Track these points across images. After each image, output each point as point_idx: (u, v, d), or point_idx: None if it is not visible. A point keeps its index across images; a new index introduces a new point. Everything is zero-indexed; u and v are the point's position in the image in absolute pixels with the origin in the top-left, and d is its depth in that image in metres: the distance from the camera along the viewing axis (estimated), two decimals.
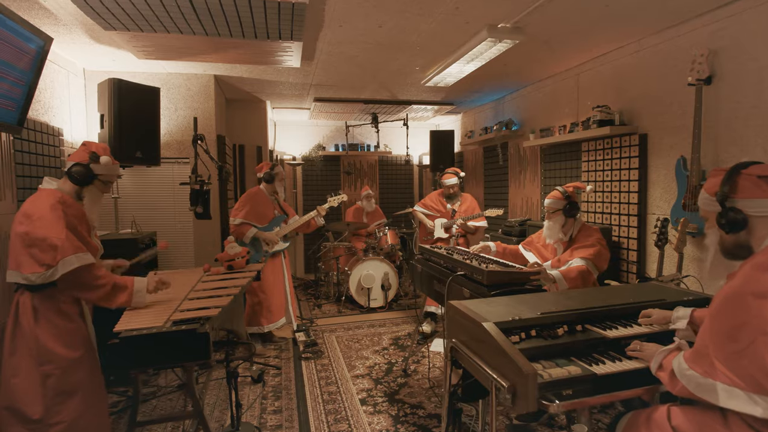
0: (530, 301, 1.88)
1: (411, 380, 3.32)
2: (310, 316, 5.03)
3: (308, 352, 3.92)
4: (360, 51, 3.53)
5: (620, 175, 3.62)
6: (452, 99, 5.55)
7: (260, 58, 3.52)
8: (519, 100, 5.14)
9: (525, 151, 5.03)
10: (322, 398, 3.07)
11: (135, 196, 4.13)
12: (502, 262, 2.55)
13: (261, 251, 3.99)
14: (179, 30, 2.86)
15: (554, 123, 4.42)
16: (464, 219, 4.33)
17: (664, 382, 1.36)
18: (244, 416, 2.85)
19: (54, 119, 3.40)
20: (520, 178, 5.15)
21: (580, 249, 2.60)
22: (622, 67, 3.59)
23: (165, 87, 4.13)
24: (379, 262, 5.18)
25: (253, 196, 4.02)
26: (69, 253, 1.87)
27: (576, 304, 1.82)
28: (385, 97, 5.36)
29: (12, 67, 2.47)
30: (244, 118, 5.48)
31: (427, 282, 3.05)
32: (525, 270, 2.34)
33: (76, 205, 2.08)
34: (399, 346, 4.04)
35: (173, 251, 4.25)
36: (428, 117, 6.71)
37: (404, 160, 6.41)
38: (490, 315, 1.66)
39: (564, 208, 2.67)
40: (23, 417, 1.94)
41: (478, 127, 6.05)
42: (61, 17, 2.76)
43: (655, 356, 1.42)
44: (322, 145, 7.10)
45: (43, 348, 1.98)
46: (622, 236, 3.61)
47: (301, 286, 6.46)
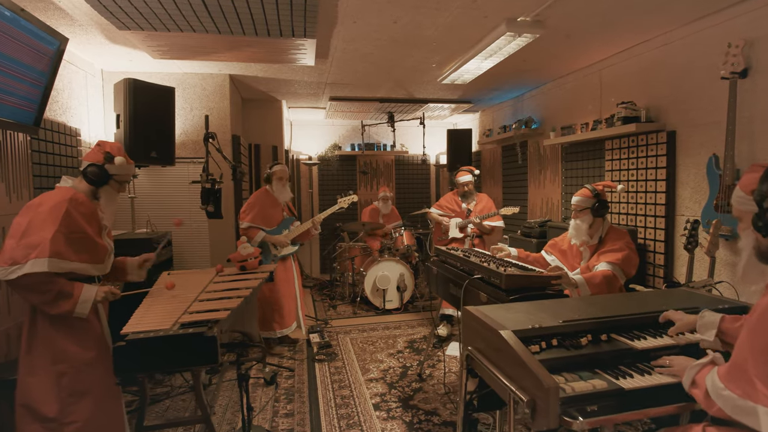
0: (551, 308, 1.78)
1: (426, 385, 3.23)
2: (325, 317, 4.99)
3: (322, 354, 3.87)
4: (375, 48, 3.46)
5: (646, 175, 3.46)
6: (470, 97, 5.43)
7: (274, 56, 3.49)
8: (539, 98, 4.99)
9: (545, 150, 4.89)
10: (335, 402, 3.01)
11: (151, 196, 4.15)
12: (521, 265, 2.44)
13: (270, 255, 3.86)
14: (192, 28, 2.84)
15: (576, 121, 4.27)
16: (480, 218, 4.22)
17: (698, 400, 1.25)
18: (256, 419, 2.81)
19: (72, 119, 3.43)
20: (540, 178, 5.01)
21: (607, 253, 2.47)
22: (649, 62, 3.43)
23: (181, 87, 4.14)
24: (395, 263, 5.11)
25: (260, 198, 3.91)
26: (45, 254, 1.80)
27: (601, 312, 1.71)
28: (402, 95, 5.27)
29: (28, 67, 2.49)
30: (259, 117, 5.47)
31: (442, 285, 2.96)
32: (546, 274, 2.24)
33: (89, 204, 2.06)
34: (414, 349, 3.96)
35: (189, 251, 4.25)
36: (445, 116, 6.60)
37: (421, 159, 6.32)
38: (508, 322, 1.57)
39: (592, 207, 2.54)
40: (39, 415, 1.94)
41: (497, 125, 5.92)
42: (76, 17, 2.77)
43: (686, 372, 1.30)
44: (338, 144, 7.06)
45: (58, 347, 1.97)
46: (648, 238, 3.45)
47: (317, 287, 6.43)
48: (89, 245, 2.03)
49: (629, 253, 2.43)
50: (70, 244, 1.93)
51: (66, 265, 1.90)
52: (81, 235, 1.99)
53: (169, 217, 4.16)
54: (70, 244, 1.92)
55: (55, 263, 1.84)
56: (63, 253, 1.88)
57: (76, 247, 1.96)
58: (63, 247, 1.89)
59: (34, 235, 1.83)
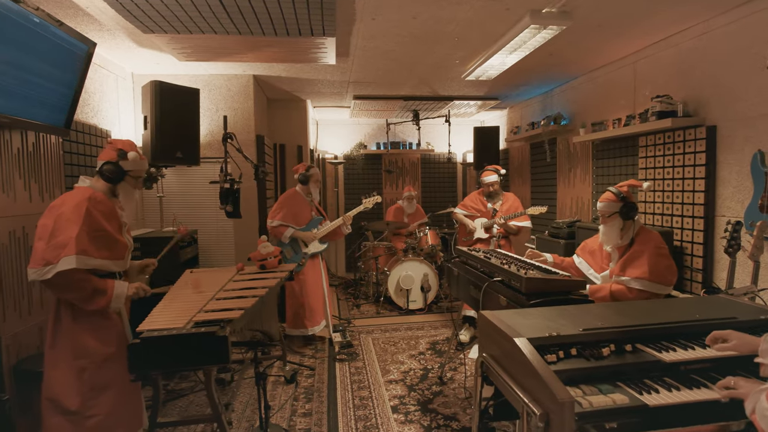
0: (573, 314, 1.68)
1: (446, 389, 3.16)
2: (348, 316, 4.98)
3: (343, 354, 3.86)
4: (395, 45, 3.40)
5: (683, 173, 3.25)
6: (496, 93, 5.29)
7: (295, 55, 3.49)
8: (569, 93, 4.80)
9: (575, 147, 4.70)
10: (353, 403, 2.99)
11: (178, 195, 4.25)
12: (544, 268, 2.34)
13: (300, 252, 3.95)
14: (213, 30, 2.87)
15: (608, 116, 4.07)
16: (505, 218, 4.09)
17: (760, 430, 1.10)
18: (275, 417, 2.82)
19: (103, 121, 3.55)
20: (570, 177, 4.82)
21: (634, 261, 2.31)
22: (687, 52, 3.22)
23: (207, 88, 4.22)
24: (419, 263, 5.04)
25: (290, 198, 3.99)
26: (72, 252, 1.86)
27: (627, 320, 1.60)
28: (426, 93, 5.20)
29: (58, 72, 2.57)
30: (284, 117, 5.52)
31: (463, 287, 2.88)
32: (571, 278, 2.13)
33: (107, 202, 2.11)
34: (436, 351, 3.89)
35: (214, 249, 4.34)
36: (472, 113, 6.46)
37: (446, 157, 6.22)
38: (524, 329, 1.49)
39: (620, 211, 2.39)
40: (62, 408, 1.99)
41: (525, 122, 5.75)
42: (104, 23, 2.85)
43: (751, 395, 1.13)
44: (364, 143, 7.04)
45: (79, 342, 2.03)
46: (685, 241, 3.25)
47: (341, 286, 6.44)
48: (110, 242, 2.08)
49: (659, 260, 2.27)
50: (92, 241, 1.98)
51: (91, 261, 1.96)
52: (102, 232, 2.03)
53: (195, 216, 4.25)
54: (92, 242, 1.98)
55: (82, 260, 1.90)
56: (88, 250, 1.94)
57: (98, 244, 2.01)
58: (87, 244, 1.94)
59: (61, 235, 1.89)
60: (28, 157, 2.62)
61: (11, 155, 2.48)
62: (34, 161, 2.68)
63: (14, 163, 2.50)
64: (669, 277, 2.27)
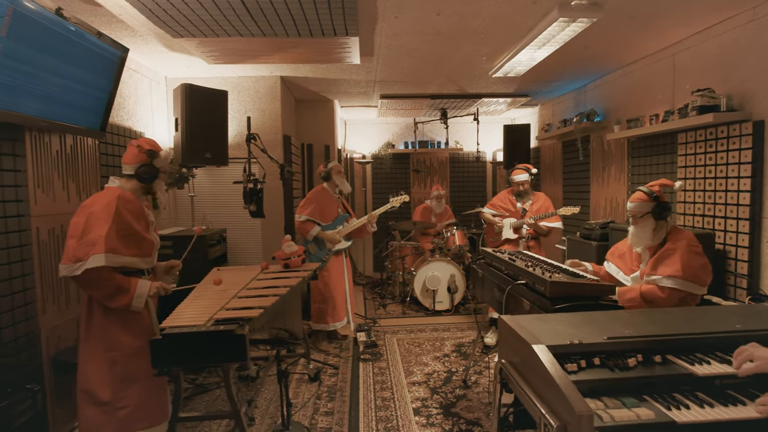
0: (599, 321, 1.60)
1: (470, 393, 3.10)
2: (374, 315, 4.98)
3: (367, 354, 3.86)
4: (420, 43, 3.36)
5: (727, 171, 3.05)
6: (526, 90, 5.14)
7: (320, 56, 3.51)
8: (603, 88, 4.61)
9: (609, 145, 4.50)
10: (375, 404, 2.97)
11: (209, 195, 4.37)
12: (571, 271, 2.24)
13: (324, 249, 4.03)
14: (239, 33, 2.92)
15: (644, 112, 3.88)
16: (535, 218, 3.97)
17: None
18: (297, 415, 2.85)
19: (137, 124, 3.69)
20: (604, 176, 4.62)
21: (665, 260, 2.19)
22: (731, 42, 3.02)
23: (235, 90, 4.31)
24: (446, 263, 4.98)
25: (318, 194, 4.08)
26: (102, 250, 1.93)
27: (658, 329, 1.50)
28: (453, 91, 5.12)
29: (93, 77, 2.69)
30: (312, 117, 5.57)
31: (488, 289, 2.81)
32: (599, 283, 2.03)
33: (136, 201, 2.18)
34: (461, 353, 3.82)
35: (242, 247, 4.43)
36: (502, 111, 6.32)
37: (474, 156, 6.10)
38: (544, 335, 1.43)
39: (653, 211, 2.27)
40: (96, 399, 2.08)
41: (557, 119, 5.56)
42: (136, 29, 2.95)
43: None
44: (392, 143, 7.02)
45: (110, 336, 2.11)
46: (728, 244, 3.04)
47: (368, 285, 6.45)
48: (138, 240, 2.15)
49: (692, 258, 2.13)
50: (121, 239, 2.05)
51: (119, 259, 2.03)
52: (130, 231, 2.11)
53: (225, 215, 4.35)
54: (121, 240, 2.05)
55: (110, 258, 1.98)
56: (117, 248, 2.01)
57: (127, 242, 2.09)
58: (116, 242, 2.02)
59: (91, 233, 1.97)
60: (66, 158, 2.75)
61: (51, 157, 2.61)
62: (72, 162, 2.81)
63: (53, 165, 2.63)
64: (703, 277, 2.13)
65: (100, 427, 2.10)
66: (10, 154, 2.30)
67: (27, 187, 2.41)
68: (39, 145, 2.52)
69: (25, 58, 2.18)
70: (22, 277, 2.35)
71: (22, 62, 2.15)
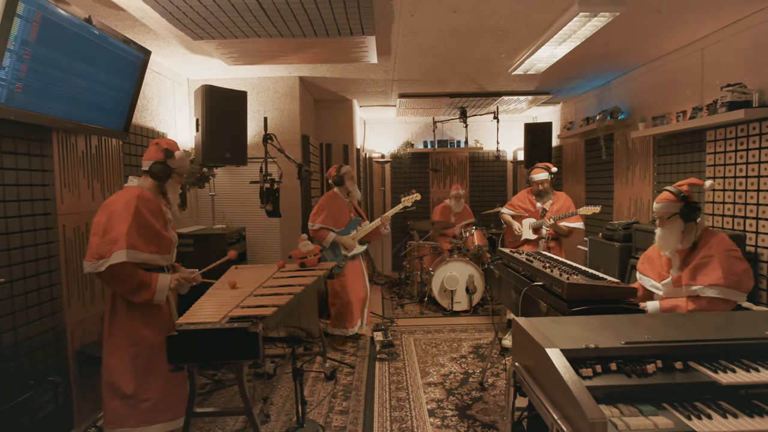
0: (618, 325, 1.55)
1: (487, 395, 3.06)
2: (392, 315, 4.97)
3: (384, 353, 3.85)
4: (437, 41, 3.33)
5: (759, 170, 2.91)
6: (548, 88, 5.04)
7: (337, 56, 3.52)
8: (627, 85, 4.47)
9: (634, 143, 4.37)
10: (390, 404, 2.96)
11: (229, 194, 4.44)
12: (591, 272, 2.18)
13: (340, 255, 4.00)
14: (256, 34, 2.96)
15: (671, 109, 3.74)
16: (555, 218, 3.88)
17: None
18: (312, 413, 2.86)
19: (160, 125, 3.77)
20: (628, 175, 4.49)
21: (705, 268, 2.07)
22: (764, 35, 2.88)
23: (255, 91, 4.37)
24: (464, 263, 4.93)
25: (329, 200, 4.04)
26: (123, 246, 1.99)
27: (679, 334, 1.45)
28: (473, 89, 5.06)
29: (116, 79, 2.76)
30: (331, 117, 5.60)
31: (505, 290, 2.77)
32: (619, 285, 1.97)
33: (154, 200, 2.24)
34: (479, 355, 3.77)
35: (260, 246, 4.48)
36: (523, 109, 6.22)
37: (494, 155, 6.02)
38: (558, 339, 1.39)
39: (681, 212, 2.17)
40: (120, 392, 2.14)
41: (579, 117, 5.43)
42: (158, 32, 3.02)
43: None
44: (411, 142, 6.99)
45: (133, 331, 2.17)
46: (761, 246, 2.91)
47: (387, 285, 6.44)
48: (157, 238, 2.20)
49: (733, 264, 2.03)
50: (141, 237, 2.11)
51: (140, 255, 2.09)
52: (149, 228, 2.16)
53: (244, 214, 4.41)
54: (141, 237, 2.11)
55: (132, 254, 2.03)
56: (137, 245, 2.07)
57: (146, 239, 2.14)
58: (136, 240, 2.07)
59: (113, 231, 2.03)
60: (91, 158, 2.84)
61: (76, 157, 2.70)
62: (97, 162, 2.89)
63: (79, 165, 2.72)
64: (747, 283, 2.02)
65: (125, 419, 2.16)
66: (38, 154, 2.39)
67: (54, 186, 2.50)
68: (65, 146, 2.61)
69: (52, 62, 2.26)
70: (49, 273, 2.44)
71: (49, 66, 2.23)
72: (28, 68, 2.12)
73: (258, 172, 3.27)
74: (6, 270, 2.16)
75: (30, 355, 2.30)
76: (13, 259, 2.20)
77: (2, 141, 2.17)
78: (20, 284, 2.25)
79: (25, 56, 2.08)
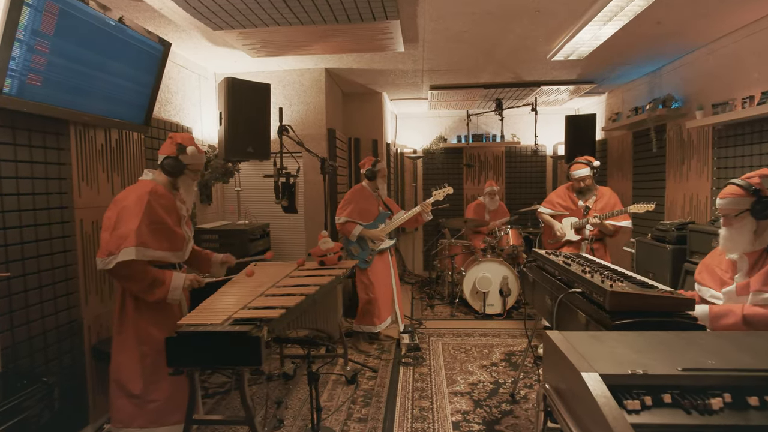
0: (671, 345, 1.29)
1: (518, 409, 2.81)
2: (421, 316, 4.77)
3: (409, 357, 3.67)
4: (468, 25, 3.09)
5: None
6: (591, 76, 4.66)
7: (361, 44, 3.35)
8: (682, 70, 4.05)
9: (689, 134, 3.95)
10: (412, 413, 2.78)
11: (254, 189, 4.38)
12: (638, 279, 1.90)
13: (368, 249, 3.86)
14: (276, 22, 2.84)
15: (734, 95, 3.32)
16: (600, 217, 3.55)
17: None
18: (329, 419, 2.73)
19: (185, 119, 3.75)
20: (682, 169, 4.07)
21: None
22: None
23: (280, 84, 4.28)
24: (498, 264, 4.66)
25: (356, 194, 3.90)
26: (132, 243, 1.91)
27: (753, 360, 1.18)
28: (508, 79, 4.76)
29: (136, 72, 2.71)
30: (359, 111, 5.45)
31: (538, 295, 2.51)
32: (673, 295, 1.68)
33: (168, 195, 2.15)
34: (511, 363, 3.51)
35: (285, 243, 4.40)
36: (563, 100, 5.83)
37: (532, 150, 5.68)
38: (598, 360, 1.16)
39: (752, 209, 1.85)
40: (127, 391, 2.09)
41: (627, 107, 5.01)
42: (178, 23, 2.96)
43: None
44: (444, 136, 6.74)
45: (142, 329, 2.10)
46: None
47: (417, 284, 6.24)
48: (169, 234, 2.12)
49: None
50: (152, 233, 2.03)
51: (150, 253, 2.01)
52: (162, 225, 2.08)
53: (269, 210, 4.33)
54: (152, 234, 2.03)
55: (141, 252, 1.95)
56: (147, 242, 1.99)
57: (158, 236, 2.06)
58: (147, 236, 1.99)
59: (122, 227, 1.96)
60: (111, 152, 2.81)
61: (95, 151, 2.67)
62: (117, 156, 2.87)
63: (98, 158, 2.69)
64: None
65: (132, 419, 2.10)
66: (54, 147, 2.37)
67: (71, 180, 2.48)
68: (84, 139, 2.58)
69: (70, 54, 2.22)
70: (65, 267, 2.42)
71: (62, 57, 2.19)
72: (40, 59, 2.08)
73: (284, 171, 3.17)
74: (18, 264, 2.14)
75: (44, 350, 2.28)
76: (26, 252, 2.18)
77: (16, 133, 2.15)
78: (34, 278, 2.23)
79: (36, 47, 2.04)
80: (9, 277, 2.05)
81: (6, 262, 2.07)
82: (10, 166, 2.11)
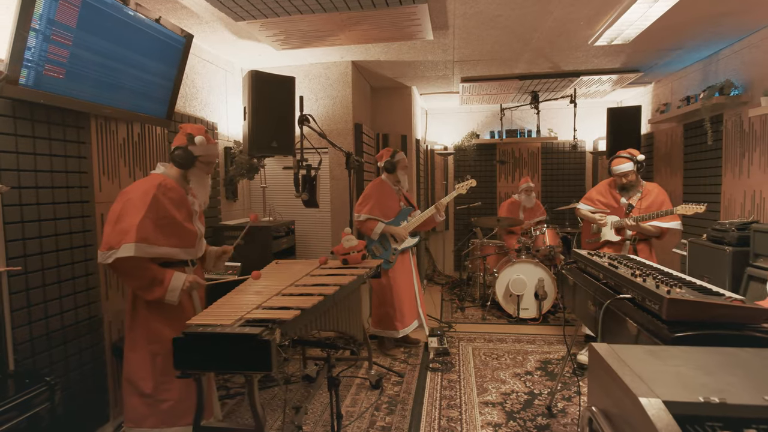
0: (749, 365, 1.07)
1: (555, 423, 2.58)
2: (451, 319, 4.57)
3: (437, 362, 3.48)
4: (502, 7, 2.88)
5: None
6: (637, 64, 4.32)
7: (388, 32, 3.19)
8: (743, 54, 3.66)
9: (751, 124, 3.56)
10: (439, 424, 2.60)
11: (280, 186, 4.31)
12: (700, 285, 1.65)
13: (390, 249, 3.66)
14: (298, 10, 2.73)
15: None
16: (644, 217, 3.25)
17: None
18: (351, 426, 2.59)
19: (211, 114, 3.71)
20: (743, 163, 3.68)
21: None
22: None
23: (307, 78, 4.18)
24: (534, 265, 4.40)
25: (376, 188, 3.69)
26: (132, 239, 1.82)
27: None
28: (545, 69, 4.48)
29: (157, 65, 2.67)
30: (388, 106, 5.30)
31: (580, 300, 2.29)
32: (745, 303, 1.43)
33: (177, 189, 2.07)
34: (548, 372, 3.27)
35: (311, 240, 4.31)
36: (605, 92, 5.47)
37: (570, 145, 5.36)
38: (659, 382, 0.96)
39: None
40: (139, 390, 2.03)
41: (676, 98, 4.62)
42: (200, 14, 2.90)
43: None
44: (476, 132, 6.49)
45: (153, 328, 2.04)
46: None
47: (447, 285, 6.04)
48: (178, 230, 2.03)
49: None
50: (158, 229, 1.94)
51: (154, 250, 1.92)
52: (169, 220, 2.00)
53: (294, 206, 4.25)
54: (158, 229, 1.94)
55: (142, 248, 1.87)
56: (150, 238, 1.90)
57: (165, 231, 1.98)
58: (150, 232, 1.91)
59: (125, 222, 1.88)
60: (133, 146, 2.78)
61: (117, 144, 2.64)
62: (140, 150, 2.84)
63: (119, 152, 2.66)
64: None
65: (144, 418, 2.04)
66: (74, 141, 2.34)
67: (91, 174, 2.45)
68: (105, 133, 2.55)
69: (92, 47, 2.19)
70: (85, 262, 2.39)
71: (89, 51, 2.15)
72: (58, 49, 2.04)
73: (305, 164, 3.05)
74: (37, 257, 2.11)
75: (63, 346, 2.25)
76: (45, 247, 2.15)
77: (35, 125, 2.12)
78: (53, 273, 2.20)
79: (53, 36, 2.00)
80: (22, 272, 2.02)
81: (24, 256, 2.05)
82: (29, 158, 2.09)
